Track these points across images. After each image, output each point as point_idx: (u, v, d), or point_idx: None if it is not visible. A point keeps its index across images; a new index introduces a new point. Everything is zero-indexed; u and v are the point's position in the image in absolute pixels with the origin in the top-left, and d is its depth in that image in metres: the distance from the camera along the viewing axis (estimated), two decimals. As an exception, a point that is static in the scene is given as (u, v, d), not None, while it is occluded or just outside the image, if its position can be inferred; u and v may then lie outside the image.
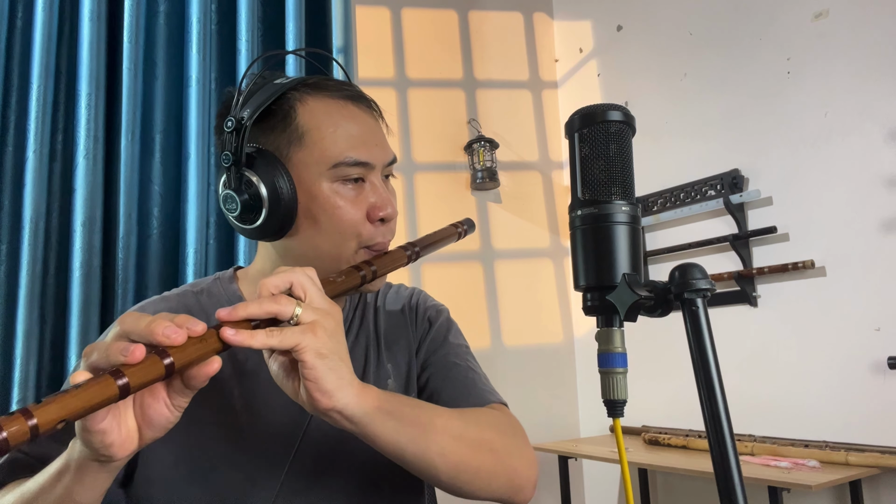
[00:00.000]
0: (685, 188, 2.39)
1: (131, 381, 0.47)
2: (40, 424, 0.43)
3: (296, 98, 0.74)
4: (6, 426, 0.41)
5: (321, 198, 0.71)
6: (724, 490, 0.45)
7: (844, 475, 1.67)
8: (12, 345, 1.18)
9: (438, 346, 0.85)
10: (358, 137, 0.74)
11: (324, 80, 0.77)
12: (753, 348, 2.16)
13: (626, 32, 2.71)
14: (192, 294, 0.83)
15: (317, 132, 0.72)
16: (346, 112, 0.75)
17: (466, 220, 0.84)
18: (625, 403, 0.52)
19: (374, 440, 0.62)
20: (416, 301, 0.89)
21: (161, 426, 0.55)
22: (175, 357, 0.50)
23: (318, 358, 0.57)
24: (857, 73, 1.95)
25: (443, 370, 0.83)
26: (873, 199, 1.90)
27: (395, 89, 2.63)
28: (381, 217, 0.74)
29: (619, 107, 0.55)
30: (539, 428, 2.61)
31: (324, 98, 0.75)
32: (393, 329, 0.85)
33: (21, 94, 1.26)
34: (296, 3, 1.38)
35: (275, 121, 0.73)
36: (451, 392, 0.80)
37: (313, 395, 0.57)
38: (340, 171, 0.72)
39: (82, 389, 0.45)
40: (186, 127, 1.32)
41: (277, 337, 0.55)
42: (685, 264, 0.51)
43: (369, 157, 0.74)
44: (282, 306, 0.57)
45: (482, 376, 0.85)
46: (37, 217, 1.21)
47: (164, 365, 0.49)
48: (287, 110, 0.73)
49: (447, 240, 0.81)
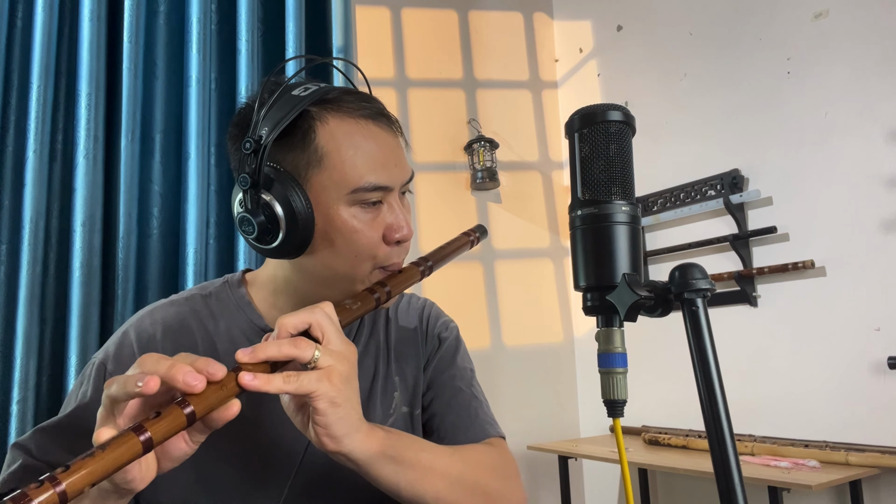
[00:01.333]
0: (685, 188, 2.39)
1: (154, 437, 0.49)
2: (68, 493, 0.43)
3: (315, 116, 0.71)
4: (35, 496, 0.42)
5: (338, 221, 0.70)
6: (724, 490, 0.45)
7: (844, 475, 1.67)
8: (12, 345, 1.18)
9: (446, 366, 0.86)
10: (377, 160, 0.72)
11: (344, 94, 0.74)
12: (753, 348, 2.16)
13: (626, 32, 2.71)
14: (200, 298, 0.82)
15: (336, 155, 0.70)
16: (366, 133, 0.72)
17: (479, 227, 0.84)
18: (625, 403, 0.52)
19: (374, 481, 0.65)
20: (428, 316, 0.90)
21: (179, 458, 0.57)
22: (195, 406, 0.51)
23: (331, 406, 0.59)
24: (857, 73, 1.95)
25: (447, 394, 0.84)
26: (873, 199, 1.90)
27: (395, 89, 2.63)
28: (397, 239, 0.73)
29: (619, 107, 0.55)
30: (539, 428, 2.61)
31: (344, 118, 0.72)
32: (403, 342, 0.86)
33: (21, 94, 1.26)
34: (296, 4, 1.38)
35: (294, 139, 0.70)
36: (454, 420, 0.82)
37: (321, 438, 0.60)
38: (359, 195, 0.71)
39: (108, 451, 0.46)
40: (186, 127, 1.32)
41: (294, 384, 0.57)
42: (685, 264, 0.51)
43: (388, 181, 0.72)
44: (301, 351, 0.58)
45: (484, 404, 0.86)
46: (37, 217, 1.21)
47: (185, 415, 0.51)
48: (306, 129, 0.70)
49: (460, 249, 0.81)
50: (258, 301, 0.81)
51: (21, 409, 1.15)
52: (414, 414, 0.83)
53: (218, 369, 0.53)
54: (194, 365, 0.53)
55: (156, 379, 0.50)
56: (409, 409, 0.83)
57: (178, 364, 0.52)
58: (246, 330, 0.79)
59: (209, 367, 0.53)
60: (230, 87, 1.39)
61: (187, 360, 0.54)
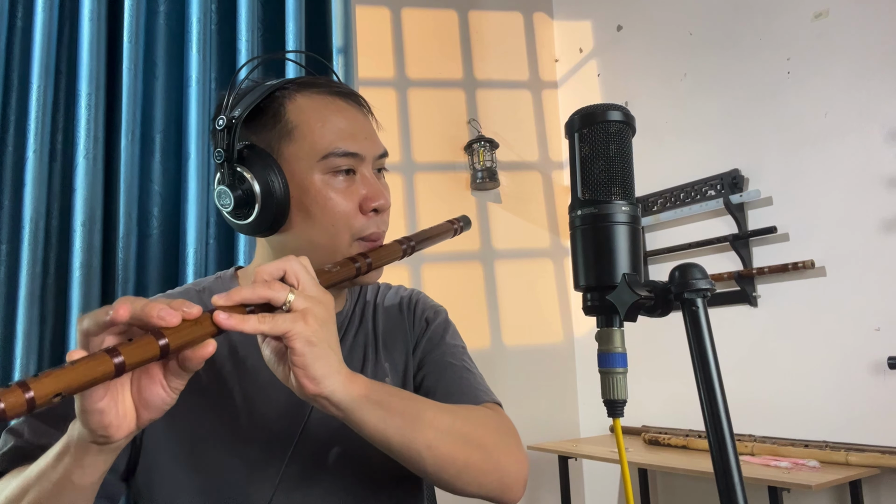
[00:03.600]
0: (685, 188, 2.39)
1: (127, 360, 0.48)
2: (37, 397, 0.43)
3: (285, 96, 0.76)
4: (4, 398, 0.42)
5: (313, 190, 0.73)
6: (724, 490, 0.45)
7: (844, 475, 1.67)
8: (12, 345, 1.18)
9: (435, 345, 0.86)
10: (346, 130, 0.75)
11: (313, 78, 0.79)
12: (753, 348, 2.16)
13: (626, 32, 2.71)
14: (194, 292, 0.84)
15: (306, 126, 0.74)
16: (334, 107, 0.77)
17: (462, 217, 0.86)
18: (625, 403, 0.52)
19: (361, 428, 0.64)
20: (415, 301, 0.91)
21: (158, 408, 0.56)
22: (170, 338, 0.51)
23: (307, 346, 0.58)
24: (857, 73, 1.95)
25: (438, 369, 0.84)
26: (873, 199, 1.90)
27: (395, 89, 2.63)
28: (373, 207, 0.75)
29: (619, 107, 0.55)
30: (539, 428, 2.61)
31: (312, 94, 0.77)
32: (391, 328, 0.87)
33: (21, 94, 1.26)
34: (296, 4, 1.38)
35: (265, 118, 0.75)
36: (446, 390, 0.81)
37: (301, 380, 0.58)
38: (330, 162, 0.73)
39: (79, 364, 0.46)
40: (186, 127, 1.32)
41: (269, 323, 0.57)
42: (685, 264, 0.51)
43: (358, 149, 0.75)
44: (275, 292, 0.58)
45: (477, 375, 0.86)
46: (37, 217, 1.21)
47: (160, 345, 0.50)
48: (277, 108, 0.75)
49: (443, 235, 0.82)
50: None
51: (21, 409, 1.15)
52: None
53: (193, 308, 0.53)
54: (170, 304, 0.52)
55: (126, 306, 0.50)
56: None
57: (153, 301, 0.52)
58: None
59: (184, 306, 0.53)
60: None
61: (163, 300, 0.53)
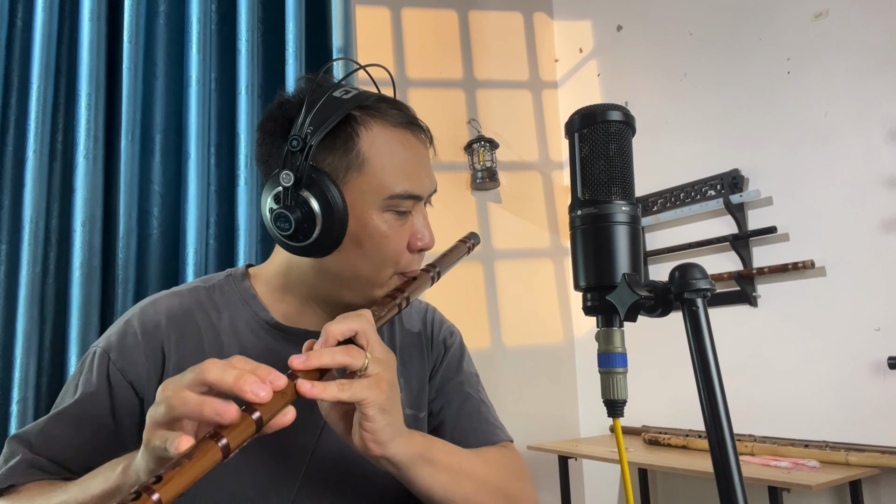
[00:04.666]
0: (685, 188, 2.39)
1: (231, 444, 0.50)
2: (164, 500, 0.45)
3: (359, 121, 0.73)
4: None
5: (371, 226, 0.72)
6: (724, 490, 0.45)
7: (844, 475, 1.67)
8: (12, 345, 1.18)
9: (453, 373, 0.89)
10: (413, 171, 0.74)
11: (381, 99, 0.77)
12: (753, 348, 2.16)
13: (626, 32, 2.71)
14: (203, 290, 0.83)
15: (377, 161, 0.72)
16: (405, 142, 0.75)
17: (472, 234, 0.87)
18: (625, 403, 0.52)
19: (410, 483, 0.68)
20: (432, 321, 0.92)
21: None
22: (262, 413, 0.53)
23: (381, 413, 0.61)
24: (857, 73, 1.95)
25: (457, 400, 0.87)
26: (873, 199, 1.90)
27: (395, 89, 2.62)
28: (420, 247, 0.76)
29: (619, 107, 0.55)
30: (539, 428, 2.61)
31: (385, 125, 0.74)
32: (408, 346, 0.87)
33: (21, 94, 1.26)
34: (296, 4, 1.38)
35: (336, 142, 0.72)
36: (466, 425, 0.85)
37: (368, 444, 0.62)
38: (393, 202, 0.73)
39: (194, 460, 0.48)
40: (186, 127, 1.32)
41: (349, 391, 0.59)
42: (685, 264, 0.51)
43: (420, 190, 0.75)
44: (353, 359, 0.60)
45: (492, 409, 0.90)
46: (37, 217, 1.21)
47: (254, 420, 0.52)
48: (350, 133, 0.72)
49: (461, 257, 0.85)
50: (263, 295, 0.82)
51: (21, 409, 1.15)
52: (418, 417, 0.84)
53: (279, 378, 0.55)
54: (256, 373, 0.54)
55: (235, 408, 0.51)
56: (413, 411, 0.83)
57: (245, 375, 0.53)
58: (250, 322, 0.80)
59: (271, 377, 0.54)
60: (230, 87, 1.39)
61: (247, 366, 0.54)
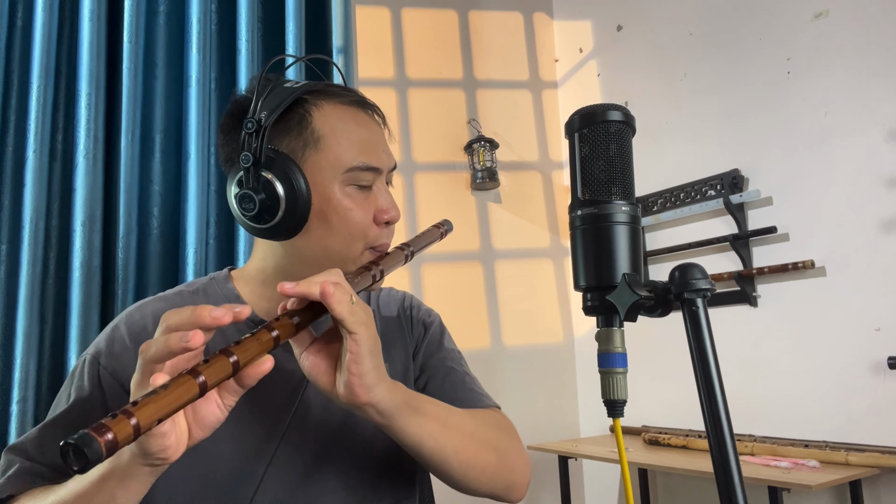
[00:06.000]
0: (685, 188, 2.39)
1: (208, 380, 0.50)
2: (141, 425, 0.45)
3: (310, 102, 0.76)
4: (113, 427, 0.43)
5: (334, 200, 0.74)
6: (724, 490, 0.45)
7: (844, 475, 1.67)
8: (12, 345, 1.18)
9: (434, 350, 0.90)
10: (369, 144, 0.77)
11: (330, 85, 0.80)
12: (753, 348, 2.16)
13: (626, 32, 2.71)
14: (188, 294, 0.84)
15: (332, 137, 0.75)
16: (357, 118, 0.78)
17: (444, 221, 0.89)
18: (625, 403, 0.52)
19: (399, 433, 0.67)
20: (410, 305, 0.94)
21: (210, 426, 0.57)
22: (238, 356, 0.53)
23: (369, 354, 0.61)
24: (856, 73, 1.95)
25: (441, 374, 0.88)
26: (873, 199, 1.90)
27: (395, 89, 2.63)
28: (386, 220, 0.77)
29: (619, 107, 0.55)
30: (539, 428, 2.61)
31: (336, 104, 0.77)
32: (389, 332, 0.88)
33: (21, 94, 1.26)
34: (296, 3, 1.38)
35: (290, 124, 0.75)
36: (451, 395, 0.85)
37: (355, 389, 0.61)
38: (353, 175, 0.75)
39: (170, 391, 0.47)
40: (186, 127, 1.32)
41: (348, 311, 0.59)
42: (685, 264, 0.51)
43: (379, 163, 0.77)
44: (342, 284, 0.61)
45: (476, 381, 0.91)
46: (37, 217, 1.21)
47: (231, 363, 0.52)
48: (302, 114, 0.75)
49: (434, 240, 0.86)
50: (246, 294, 0.82)
51: (21, 409, 1.15)
52: None
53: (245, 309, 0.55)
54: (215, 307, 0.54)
55: (199, 333, 0.51)
56: None
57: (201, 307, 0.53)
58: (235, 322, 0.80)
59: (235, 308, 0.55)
60: (230, 87, 1.39)
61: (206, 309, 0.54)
